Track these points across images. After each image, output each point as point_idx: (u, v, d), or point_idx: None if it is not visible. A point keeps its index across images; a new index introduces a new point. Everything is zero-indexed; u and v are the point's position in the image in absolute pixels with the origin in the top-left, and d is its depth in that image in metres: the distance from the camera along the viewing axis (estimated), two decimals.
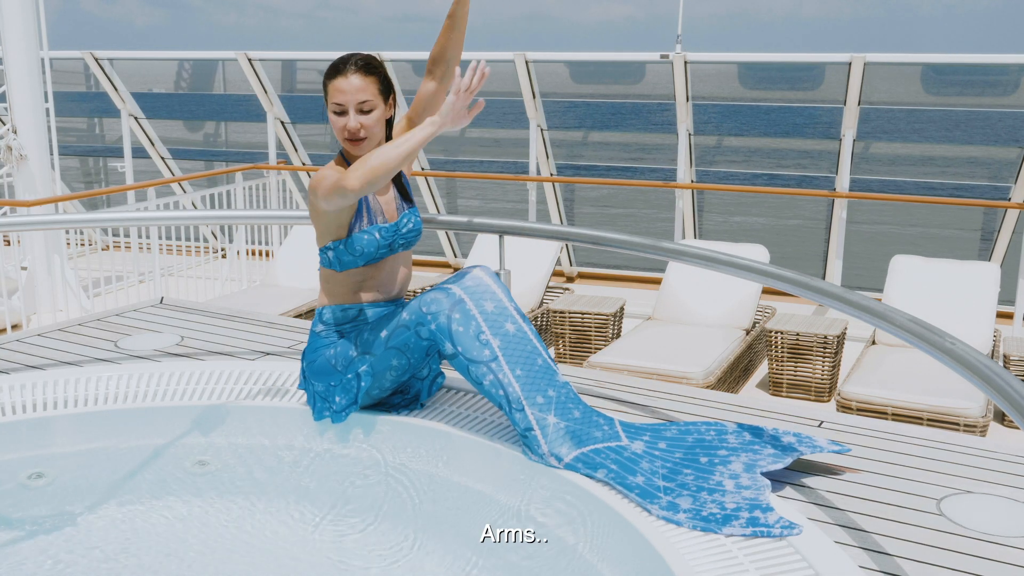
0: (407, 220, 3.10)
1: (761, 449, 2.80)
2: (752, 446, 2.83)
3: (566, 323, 6.30)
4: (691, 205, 8.48)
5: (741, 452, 2.79)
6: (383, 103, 2.95)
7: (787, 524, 2.42)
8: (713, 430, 2.93)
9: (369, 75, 2.90)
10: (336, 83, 2.88)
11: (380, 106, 2.93)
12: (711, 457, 2.77)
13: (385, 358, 2.95)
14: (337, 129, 2.93)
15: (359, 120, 2.90)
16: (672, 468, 2.71)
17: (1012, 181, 7.70)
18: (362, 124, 2.90)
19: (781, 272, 3.01)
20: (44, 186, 7.57)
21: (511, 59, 8.32)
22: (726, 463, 2.74)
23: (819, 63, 8.44)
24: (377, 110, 2.92)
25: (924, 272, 5.94)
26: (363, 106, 2.89)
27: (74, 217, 6.90)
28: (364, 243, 2.99)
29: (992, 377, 2.07)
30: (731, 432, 2.92)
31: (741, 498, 2.56)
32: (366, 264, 3.05)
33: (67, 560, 2.72)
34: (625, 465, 2.67)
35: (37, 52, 7.47)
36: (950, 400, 4.81)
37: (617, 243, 3.52)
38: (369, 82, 2.89)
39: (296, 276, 7.21)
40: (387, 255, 3.08)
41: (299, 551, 2.82)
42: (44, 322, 7.36)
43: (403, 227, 3.08)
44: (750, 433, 2.91)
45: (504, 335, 2.83)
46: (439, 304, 2.84)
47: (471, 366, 2.80)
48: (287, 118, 9.63)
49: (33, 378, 3.41)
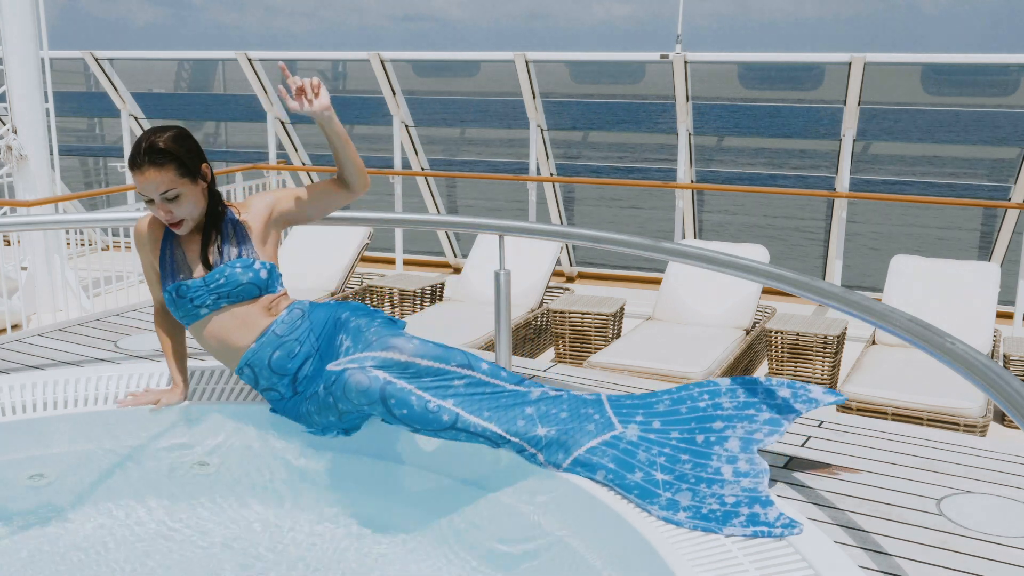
0: (225, 273, 2.93)
1: (757, 415, 2.76)
2: (747, 411, 2.77)
3: (566, 323, 6.29)
4: (691, 205, 8.48)
5: (737, 422, 2.74)
6: (190, 182, 2.86)
7: (787, 523, 2.41)
8: (706, 393, 2.86)
9: (163, 164, 2.81)
10: (135, 178, 2.84)
11: (185, 187, 2.86)
12: (707, 435, 2.73)
13: (325, 414, 2.84)
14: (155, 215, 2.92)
15: (167, 208, 2.86)
16: (670, 456, 2.67)
17: (1012, 181, 7.70)
18: (170, 209, 2.86)
19: (781, 272, 3.01)
20: (44, 186, 7.57)
21: (511, 59, 8.32)
22: (723, 441, 2.70)
23: (819, 63, 8.45)
24: (183, 193, 2.85)
25: (924, 272, 5.94)
26: (166, 195, 2.84)
27: (74, 217, 6.90)
28: (168, 302, 2.99)
29: (992, 377, 2.07)
30: (725, 393, 2.85)
31: (740, 490, 2.54)
32: (188, 324, 3.02)
33: (67, 560, 2.72)
34: (622, 461, 2.65)
35: (37, 52, 7.47)
36: (950, 400, 4.80)
37: (617, 243, 3.52)
38: (165, 171, 2.81)
39: (295, 276, 7.20)
40: (205, 313, 2.98)
41: (301, 550, 2.81)
42: (44, 322, 7.36)
43: (213, 282, 2.93)
44: (744, 390, 2.84)
45: (455, 393, 2.72)
46: (367, 394, 2.64)
47: (439, 433, 2.69)
48: (287, 118, 9.63)
49: (33, 378, 3.41)
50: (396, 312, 6.96)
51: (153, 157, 2.81)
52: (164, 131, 2.87)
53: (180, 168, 2.85)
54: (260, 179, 8.96)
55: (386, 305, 7.02)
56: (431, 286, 7.09)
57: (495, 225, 3.77)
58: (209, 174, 2.96)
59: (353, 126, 10.86)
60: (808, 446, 3.08)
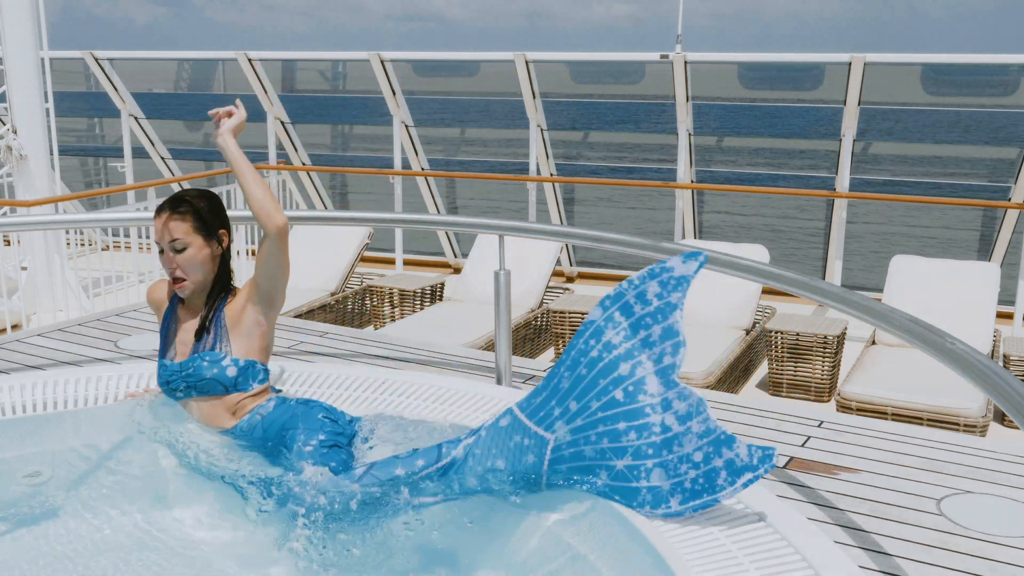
0: (194, 364, 2.89)
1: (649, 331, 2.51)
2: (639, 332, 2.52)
3: (566, 323, 6.29)
4: (691, 205, 8.48)
5: (637, 352, 2.51)
6: (202, 240, 2.87)
7: (763, 455, 2.37)
8: (591, 337, 2.57)
9: (182, 214, 2.85)
10: (155, 224, 2.87)
11: (195, 244, 2.86)
12: (622, 386, 2.50)
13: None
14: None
15: (173, 259, 2.86)
16: (611, 434, 2.50)
17: (1012, 181, 7.70)
18: (177, 264, 2.86)
19: (781, 272, 3.01)
20: (44, 186, 7.57)
21: (511, 59, 8.32)
22: (641, 385, 2.49)
23: (819, 63, 8.45)
24: (191, 248, 2.86)
25: (924, 272, 5.94)
26: (175, 244, 2.85)
27: (74, 217, 6.91)
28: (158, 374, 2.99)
29: (992, 377, 2.07)
30: (606, 323, 2.56)
31: (696, 438, 2.42)
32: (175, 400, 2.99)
33: (66, 560, 2.71)
34: (580, 468, 2.54)
35: (37, 52, 7.47)
36: (950, 400, 4.81)
37: (617, 243, 3.52)
38: (182, 220, 2.85)
39: (295, 276, 7.17)
40: (179, 397, 2.95)
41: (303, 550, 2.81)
42: (44, 322, 7.36)
43: (184, 370, 2.90)
44: (620, 308, 2.56)
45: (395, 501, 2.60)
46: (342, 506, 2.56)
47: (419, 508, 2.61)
48: (287, 118, 9.63)
49: (33, 378, 3.41)
50: (396, 312, 6.96)
51: (176, 205, 2.87)
52: (197, 190, 2.95)
53: (197, 222, 2.87)
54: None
55: (386, 305, 7.02)
56: (431, 286, 7.09)
57: (495, 225, 3.77)
58: (226, 242, 2.95)
59: (353, 126, 10.86)
60: (808, 446, 3.08)
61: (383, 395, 3.37)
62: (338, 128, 10.83)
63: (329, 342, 4.31)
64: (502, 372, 3.68)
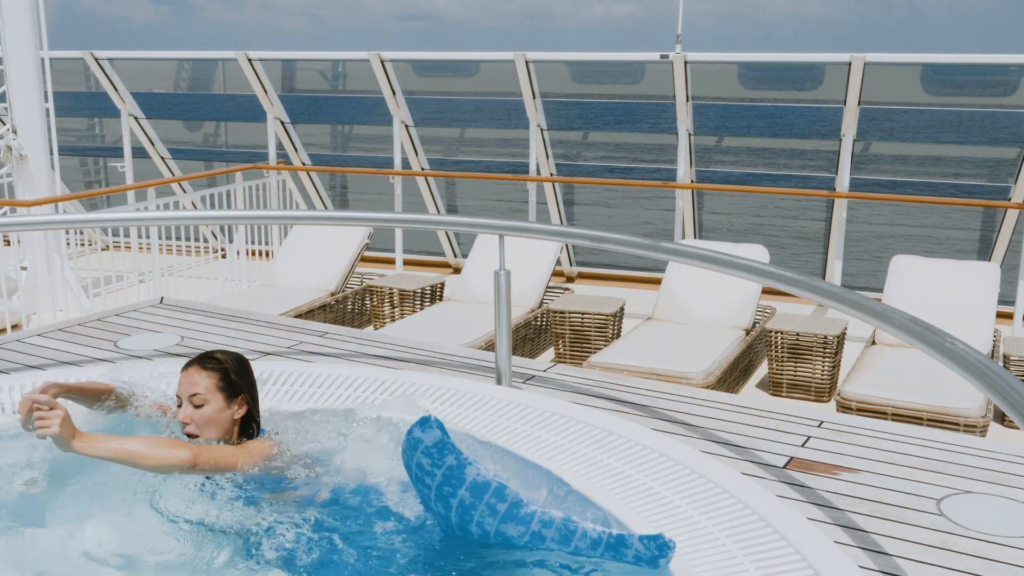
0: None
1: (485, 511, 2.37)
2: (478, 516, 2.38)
3: (566, 323, 6.29)
4: (691, 205, 8.49)
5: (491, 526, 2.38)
6: (223, 399, 2.85)
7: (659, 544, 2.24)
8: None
9: (209, 371, 2.85)
10: (180, 377, 2.87)
11: (215, 403, 2.84)
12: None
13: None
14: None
15: (188, 413, 2.84)
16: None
17: (1012, 181, 7.70)
18: (191, 418, 2.84)
19: (781, 272, 3.01)
20: (44, 186, 7.57)
21: (511, 59, 8.32)
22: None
23: (819, 63, 8.45)
24: (209, 405, 2.83)
25: (924, 272, 5.94)
26: (194, 400, 2.83)
27: (74, 217, 6.91)
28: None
29: (992, 377, 2.07)
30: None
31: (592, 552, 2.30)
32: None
33: (66, 560, 2.71)
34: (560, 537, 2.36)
35: (37, 52, 7.47)
36: (950, 400, 4.80)
37: (617, 243, 3.52)
38: (205, 377, 2.84)
39: (296, 276, 7.21)
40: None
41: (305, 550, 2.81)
42: (44, 322, 7.36)
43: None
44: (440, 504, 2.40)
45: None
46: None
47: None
48: (287, 118, 9.63)
49: (33, 378, 3.41)
50: (396, 312, 6.96)
51: (204, 362, 2.88)
52: (229, 351, 2.94)
53: (222, 381, 2.86)
54: (260, 179, 8.95)
55: (386, 305, 7.02)
56: (431, 286, 7.09)
57: (495, 225, 3.77)
58: (245, 409, 2.91)
59: (353, 126, 10.86)
60: (808, 446, 3.08)
61: (383, 395, 3.37)
62: (338, 128, 10.83)
63: (329, 342, 4.31)
64: (502, 372, 3.68)
